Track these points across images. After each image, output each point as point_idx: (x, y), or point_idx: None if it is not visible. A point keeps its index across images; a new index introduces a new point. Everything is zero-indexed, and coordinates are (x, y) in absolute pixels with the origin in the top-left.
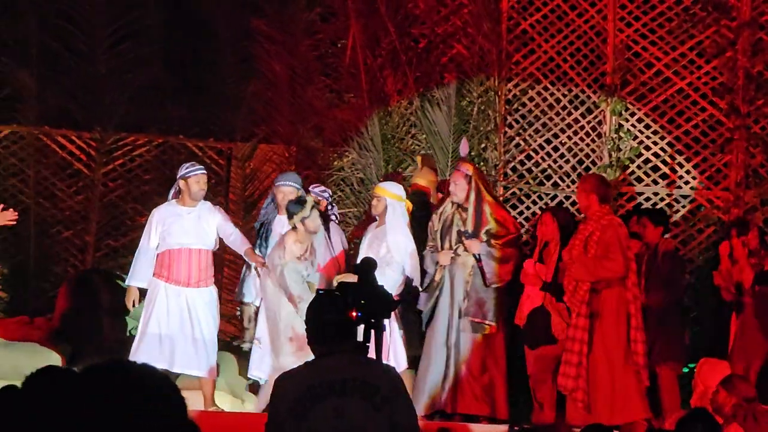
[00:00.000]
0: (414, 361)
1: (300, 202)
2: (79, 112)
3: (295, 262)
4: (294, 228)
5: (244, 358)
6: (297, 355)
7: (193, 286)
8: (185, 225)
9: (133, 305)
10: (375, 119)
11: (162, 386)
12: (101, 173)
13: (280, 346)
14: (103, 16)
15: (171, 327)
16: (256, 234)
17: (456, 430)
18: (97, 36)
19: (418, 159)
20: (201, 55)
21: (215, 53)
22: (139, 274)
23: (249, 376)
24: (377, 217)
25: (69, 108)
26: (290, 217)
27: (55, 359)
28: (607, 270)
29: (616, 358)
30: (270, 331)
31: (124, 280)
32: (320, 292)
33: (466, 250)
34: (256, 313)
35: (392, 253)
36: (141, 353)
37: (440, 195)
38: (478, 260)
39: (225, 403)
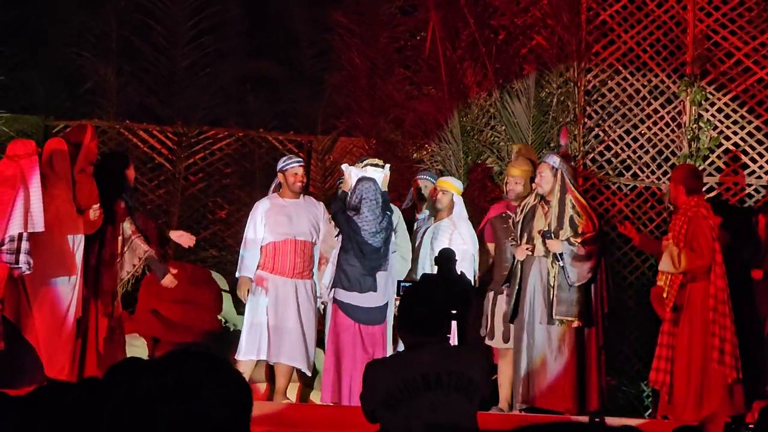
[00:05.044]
0: None
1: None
2: (160, 106)
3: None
4: None
5: None
6: None
7: (296, 278)
8: (290, 216)
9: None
10: (454, 111)
11: (225, 371)
12: (183, 167)
13: None
14: (182, 10)
15: (276, 318)
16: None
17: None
18: (177, 30)
19: (515, 148)
20: (280, 48)
21: (294, 46)
22: (250, 265)
23: None
24: (435, 211)
25: (150, 102)
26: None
27: (139, 351)
28: (691, 261)
29: (696, 352)
30: None
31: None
32: (403, 284)
33: (547, 249)
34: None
35: (467, 245)
36: (247, 345)
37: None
38: (560, 260)
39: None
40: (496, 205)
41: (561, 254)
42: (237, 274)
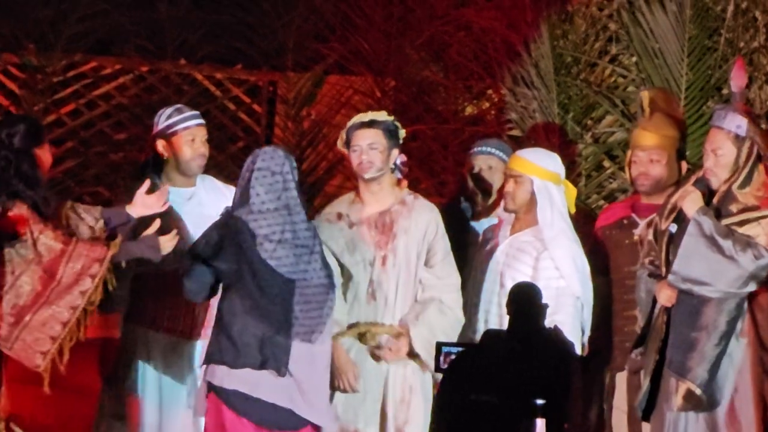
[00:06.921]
0: None
1: None
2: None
3: None
4: None
5: None
6: None
7: (196, 338)
8: (181, 223)
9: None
10: (543, 29)
11: None
12: None
13: None
14: None
15: (163, 410)
16: None
17: None
18: None
19: (644, 96)
20: None
21: None
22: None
23: None
24: (509, 211)
25: None
26: None
27: None
28: None
29: None
30: None
31: None
32: (447, 350)
33: None
34: None
35: (568, 280)
36: None
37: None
38: None
39: None
40: (613, 206)
41: None
42: None
